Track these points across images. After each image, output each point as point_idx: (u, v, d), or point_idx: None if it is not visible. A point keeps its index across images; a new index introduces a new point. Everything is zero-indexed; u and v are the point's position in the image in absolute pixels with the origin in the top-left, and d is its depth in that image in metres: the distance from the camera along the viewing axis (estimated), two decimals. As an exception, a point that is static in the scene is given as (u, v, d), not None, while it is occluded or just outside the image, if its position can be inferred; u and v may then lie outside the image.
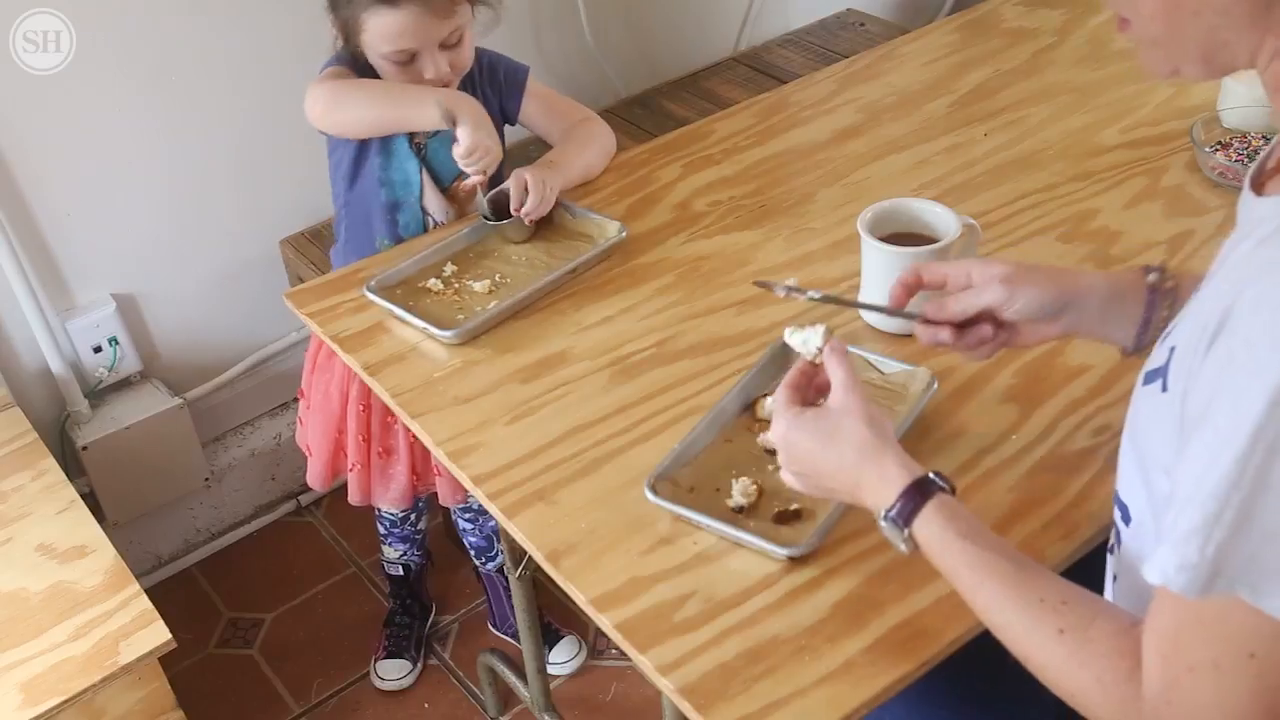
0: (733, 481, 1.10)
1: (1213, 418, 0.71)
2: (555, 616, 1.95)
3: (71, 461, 1.94)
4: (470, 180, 1.45)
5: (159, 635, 1.41)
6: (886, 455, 0.93)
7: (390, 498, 1.69)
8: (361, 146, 1.52)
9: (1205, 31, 0.77)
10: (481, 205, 1.48)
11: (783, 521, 1.07)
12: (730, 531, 1.05)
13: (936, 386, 1.18)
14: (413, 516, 1.90)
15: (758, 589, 1.02)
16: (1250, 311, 0.71)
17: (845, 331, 1.29)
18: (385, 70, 1.47)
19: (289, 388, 2.12)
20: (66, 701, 1.35)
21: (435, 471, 1.66)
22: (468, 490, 1.65)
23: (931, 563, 0.91)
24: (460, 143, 1.40)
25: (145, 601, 1.45)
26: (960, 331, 1.05)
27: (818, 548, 1.04)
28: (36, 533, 1.56)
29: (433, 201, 1.56)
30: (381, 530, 1.93)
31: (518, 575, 1.51)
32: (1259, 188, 0.82)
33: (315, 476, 1.72)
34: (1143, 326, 1.03)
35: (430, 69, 1.45)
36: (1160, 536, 0.74)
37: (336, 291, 1.43)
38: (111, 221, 1.86)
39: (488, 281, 1.41)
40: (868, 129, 1.68)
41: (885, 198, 1.31)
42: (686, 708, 0.94)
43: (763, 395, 1.19)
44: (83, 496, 1.62)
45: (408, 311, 1.35)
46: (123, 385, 1.99)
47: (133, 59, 1.77)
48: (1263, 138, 1.52)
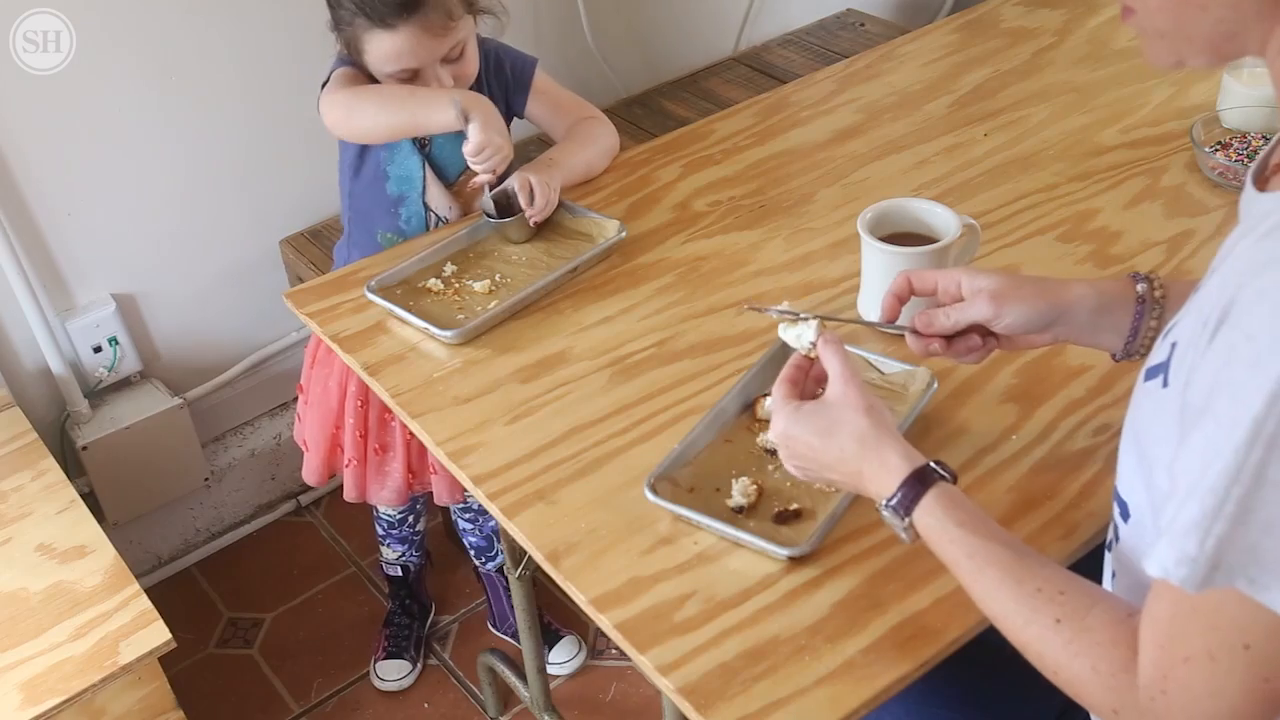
0: (733, 481, 1.10)
1: (1213, 411, 0.71)
2: (555, 616, 1.95)
3: (71, 461, 1.94)
4: (479, 179, 1.45)
5: (159, 635, 1.41)
6: (886, 445, 0.94)
7: (385, 495, 1.68)
8: None
9: (1212, 24, 0.77)
10: (486, 203, 1.48)
11: (783, 521, 1.07)
12: (730, 531, 1.05)
13: (936, 386, 1.19)
14: (411, 517, 1.90)
15: (758, 589, 1.02)
16: (1252, 305, 0.71)
17: (845, 332, 1.29)
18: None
19: (289, 388, 2.12)
20: (66, 701, 1.35)
21: (431, 470, 1.66)
22: (464, 490, 1.67)
23: (932, 551, 0.92)
24: (471, 140, 1.40)
25: (145, 601, 1.45)
26: (950, 342, 1.06)
27: (818, 548, 1.04)
28: (36, 533, 1.56)
29: (436, 198, 1.56)
30: (380, 531, 1.93)
31: (518, 575, 1.51)
32: (1261, 184, 0.82)
33: (311, 472, 1.72)
34: (1131, 335, 1.04)
35: (434, 85, 1.45)
36: (1159, 531, 0.74)
37: (336, 291, 1.43)
38: (111, 221, 1.86)
39: (488, 281, 1.41)
40: (868, 129, 1.68)
41: (885, 198, 1.31)
42: (686, 708, 0.94)
43: (762, 395, 1.19)
44: (83, 496, 1.62)
45: (408, 312, 1.35)
46: (123, 385, 1.99)
47: (133, 59, 1.77)
48: (1263, 137, 1.52)
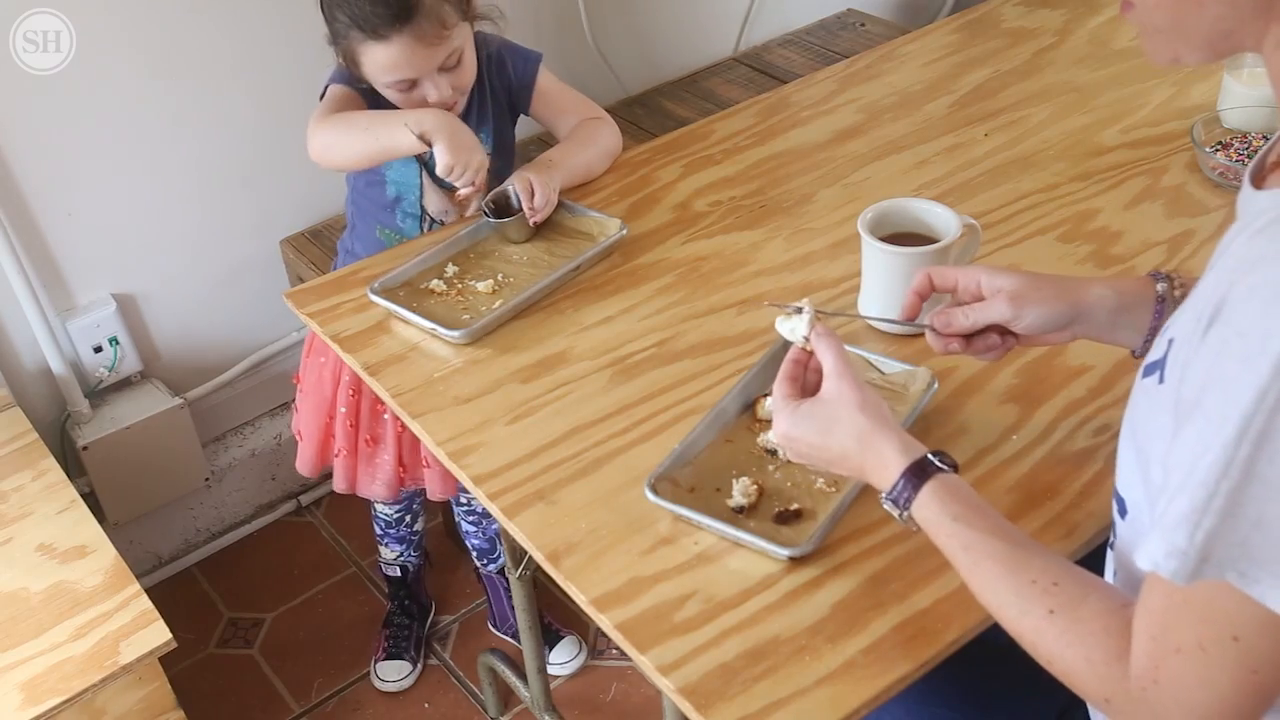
0: (733, 481, 1.10)
1: (1204, 406, 0.72)
2: (555, 616, 1.95)
3: (72, 461, 1.94)
4: (462, 192, 1.44)
5: (159, 635, 1.41)
6: (883, 440, 0.95)
7: (376, 489, 1.68)
8: None
9: (1210, 22, 0.77)
10: (483, 204, 1.48)
11: (783, 521, 1.07)
12: (730, 531, 1.05)
13: (937, 386, 1.19)
14: (408, 517, 1.90)
15: (758, 589, 1.02)
16: (1243, 301, 0.71)
17: (845, 332, 1.29)
18: (389, 96, 1.47)
19: (289, 388, 2.11)
20: (67, 701, 1.35)
21: (423, 464, 1.66)
22: (457, 485, 1.67)
23: (932, 541, 0.93)
24: (439, 163, 1.40)
25: (145, 601, 1.45)
26: (969, 340, 1.07)
27: (818, 548, 1.04)
28: (37, 533, 1.56)
29: (434, 202, 1.56)
30: (378, 531, 1.93)
31: (518, 575, 1.51)
32: (1259, 181, 0.82)
33: (305, 462, 1.72)
34: (1150, 333, 1.04)
35: (432, 93, 1.44)
36: (1152, 524, 0.75)
37: (336, 291, 1.43)
38: (112, 221, 1.86)
39: (490, 281, 1.41)
40: (868, 129, 1.68)
41: (885, 198, 1.31)
42: (687, 708, 0.94)
43: (763, 395, 1.19)
44: (83, 496, 1.62)
45: (413, 313, 1.35)
46: (123, 385, 1.99)
47: (133, 59, 1.77)
48: (1263, 137, 1.52)
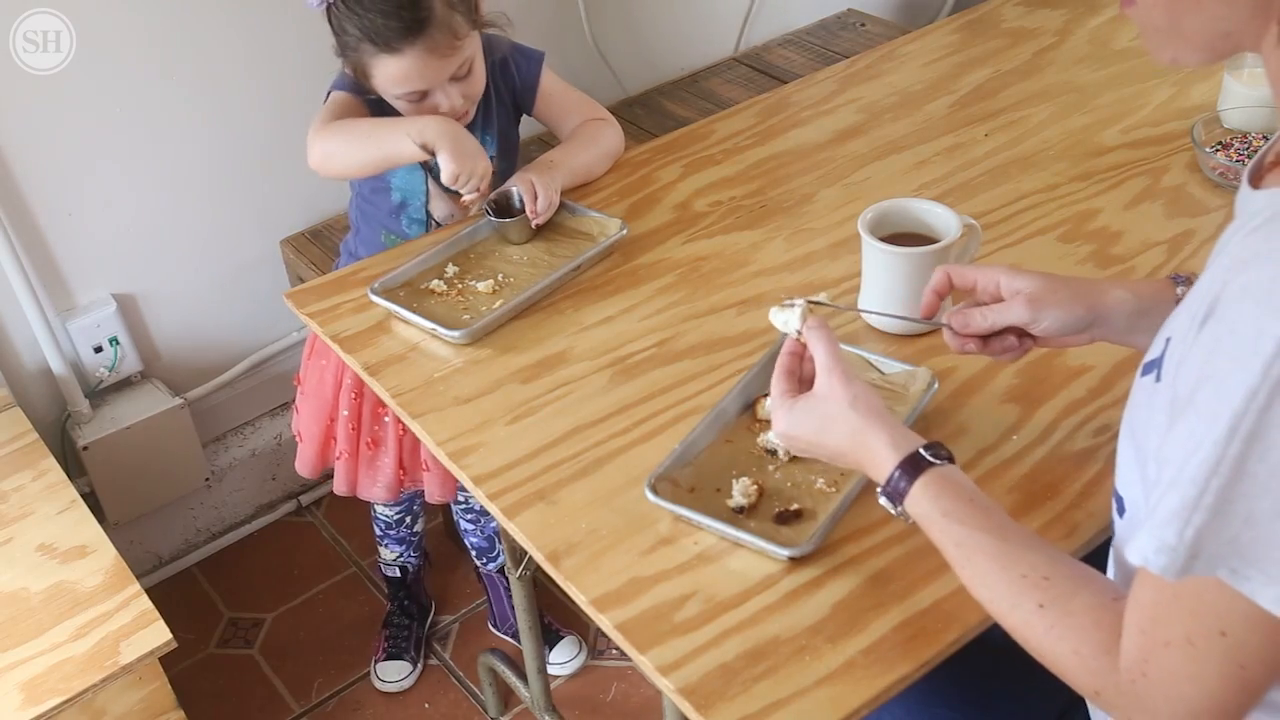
0: (733, 481, 1.10)
1: (1196, 403, 0.72)
2: (555, 616, 1.95)
3: (72, 461, 1.94)
4: (466, 198, 1.45)
5: (159, 635, 1.41)
6: (875, 436, 0.95)
7: (376, 491, 1.68)
8: None
9: (1207, 22, 0.77)
10: (485, 205, 1.48)
11: (783, 522, 1.07)
12: (730, 532, 1.05)
13: (937, 386, 1.18)
14: (408, 518, 1.90)
15: (758, 589, 1.02)
16: (1236, 300, 0.71)
17: (845, 332, 1.29)
18: (399, 107, 1.47)
19: (289, 388, 2.11)
20: (67, 701, 1.35)
21: (423, 467, 1.66)
22: (456, 488, 1.67)
23: (926, 535, 0.93)
24: (443, 171, 1.40)
25: (146, 601, 1.45)
26: (986, 341, 1.08)
27: (818, 548, 1.04)
28: (37, 533, 1.56)
29: (439, 208, 1.56)
30: (378, 531, 1.93)
31: (518, 575, 1.51)
32: (1256, 181, 0.83)
33: (305, 463, 1.72)
34: None
35: (444, 103, 1.45)
36: (1142, 521, 0.75)
37: (337, 291, 1.43)
38: (112, 221, 1.86)
39: (491, 281, 1.41)
40: (868, 129, 1.68)
41: (886, 198, 1.31)
42: (687, 708, 0.94)
43: (763, 395, 1.19)
44: (83, 496, 1.62)
45: (413, 313, 1.35)
46: (123, 385, 1.99)
47: (133, 59, 1.77)
48: (1263, 137, 1.52)
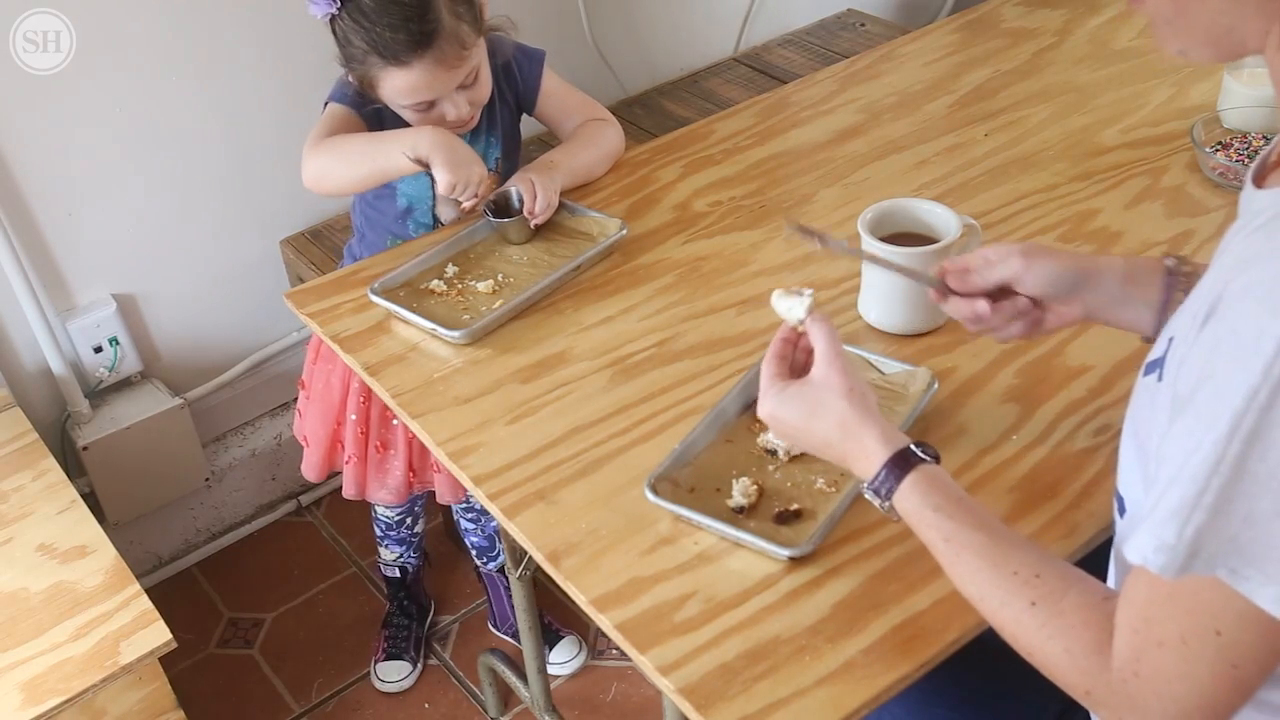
0: (733, 481, 1.10)
1: (1196, 402, 0.72)
2: (555, 616, 1.95)
3: (72, 461, 1.94)
4: (465, 204, 1.45)
5: (159, 635, 1.41)
6: (865, 430, 0.95)
7: (385, 494, 1.68)
8: None
9: (1212, 15, 0.78)
10: (485, 205, 1.48)
11: (783, 522, 1.07)
12: (730, 532, 1.05)
13: (937, 386, 1.19)
14: (409, 519, 1.90)
15: (758, 589, 1.02)
16: (1238, 299, 0.72)
17: (846, 332, 1.29)
18: (406, 116, 1.47)
19: (290, 388, 2.12)
20: (67, 701, 1.35)
21: (434, 469, 1.66)
22: (466, 489, 1.67)
23: (914, 532, 0.93)
24: (439, 184, 1.40)
25: (146, 601, 1.45)
26: (994, 306, 1.07)
27: (818, 548, 1.04)
28: (37, 533, 1.56)
29: (446, 212, 1.56)
30: (378, 532, 1.93)
31: (518, 575, 1.51)
32: (1260, 180, 0.83)
33: (311, 468, 1.72)
34: (1161, 310, 1.04)
35: (451, 112, 1.45)
36: (1140, 519, 0.75)
37: (337, 291, 1.43)
38: (111, 221, 1.86)
39: (491, 281, 1.41)
40: (868, 129, 1.68)
41: (885, 198, 1.31)
42: (687, 708, 0.94)
43: (763, 395, 1.19)
44: (83, 496, 1.62)
45: (413, 313, 1.35)
46: (123, 385, 1.99)
47: (133, 59, 1.77)
48: (1264, 137, 1.52)
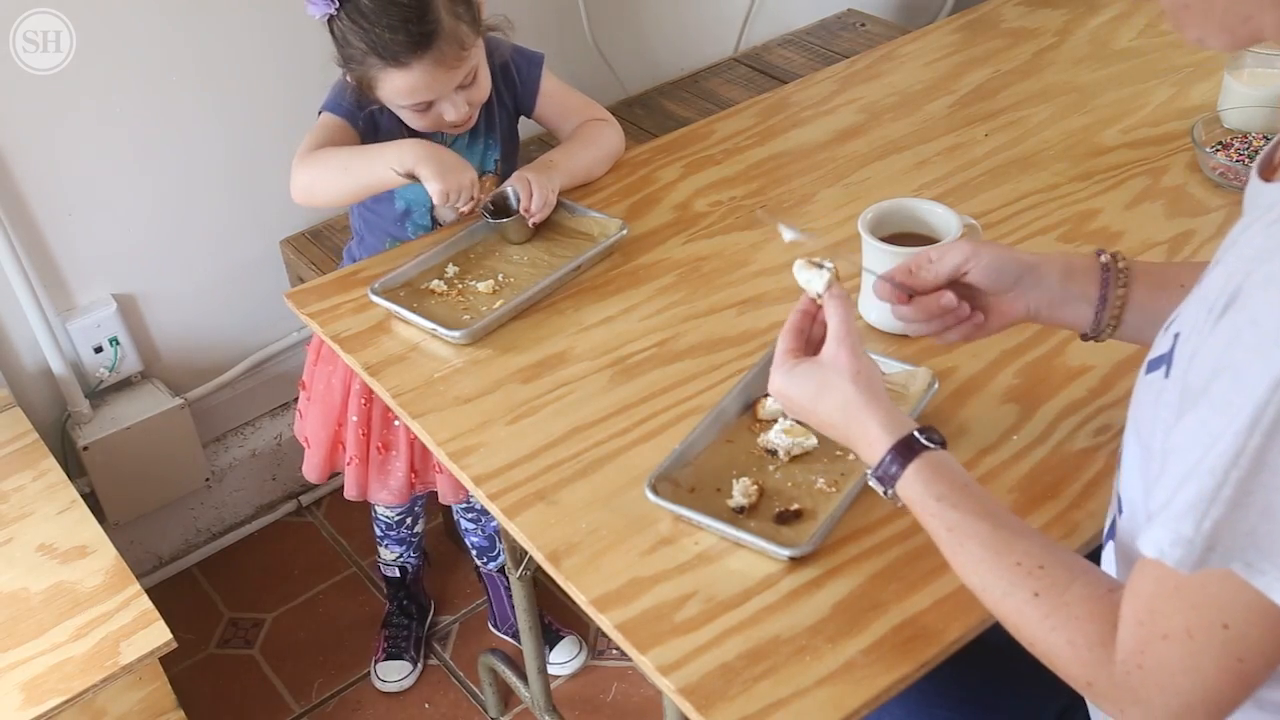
0: (733, 482, 1.10)
1: (1212, 394, 0.71)
2: (556, 616, 1.95)
3: (72, 461, 1.94)
4: (463, 209, 1.45)
5: (159, 635, 1.41)
6: (870, 415, 0.95)
7: (387, 495, 1.68)
8: None
9: (1228, 2, 0.77)
10: (484, 205, 1.48)
11: (783, 522, 1.07)
12: (731, 532, 1.05)
13: (937, 386, 1.19)
14: (409, 519, 1.90)
15: (758, 589, 1.02)
16: (1258, 291, 0.70)
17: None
18: (405, 116, 1.48)
19: (290, 388, 2.12)
20: (67, 701, 1.35)
21: (435, 469, 1.66)
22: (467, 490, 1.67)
23: (917, 520, 0.93)
24: (433, 196, 1.40)
25: (146, 601, 1.45)
26: (928, 308, 1.05)
27: (818, 548, 1.04)
28: (37, 533, 1.56)
29: (446, 212, 1.56)
30: (378, 532, 1.93)
31: (518, 575, 1.51)
32: (1268, 174, 0.83)
33: (312, 469, 1.72)
34: (1100, 304, 1.04)
35: (450, 112, 1.45)
36: (1149, 513, 0.74)
37: (337, 291, 1.43)
38: (111, 221, 1.86)
39: (491, 281, 1.41)
40: (868, 129, 1.68)
41: (886, 198, 1.31)
42: (687, 708, 0.94)
43: (763, 395, 1.19)
44: (83, 496, 1.62)
45: (413, 313, 1.35)
46: (123, 385, 1.99)
47: (133, 59, 1.77)
48: (1264, 137, 1.52)
